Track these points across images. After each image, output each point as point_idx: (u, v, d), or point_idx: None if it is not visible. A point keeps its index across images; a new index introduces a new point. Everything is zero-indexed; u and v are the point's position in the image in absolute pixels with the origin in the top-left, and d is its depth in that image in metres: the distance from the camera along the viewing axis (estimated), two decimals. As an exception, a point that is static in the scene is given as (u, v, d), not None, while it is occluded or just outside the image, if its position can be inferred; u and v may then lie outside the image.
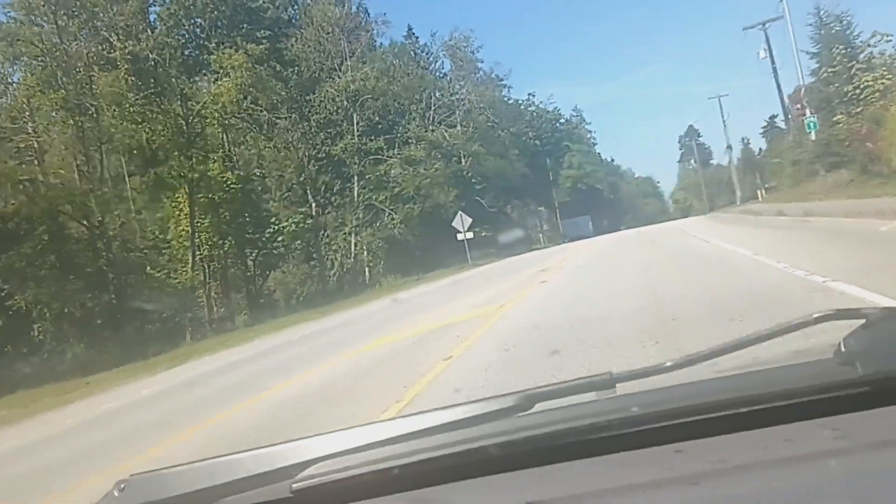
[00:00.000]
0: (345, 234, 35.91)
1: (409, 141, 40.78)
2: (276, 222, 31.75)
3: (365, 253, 37.06)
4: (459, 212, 32.65)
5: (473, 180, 54.15)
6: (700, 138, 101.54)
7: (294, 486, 1.12)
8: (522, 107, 77.05)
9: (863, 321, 1.19)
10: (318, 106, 39.69)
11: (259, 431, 5.72)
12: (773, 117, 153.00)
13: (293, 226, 31.09)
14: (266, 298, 35.54)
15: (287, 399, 7.24)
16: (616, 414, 1.12)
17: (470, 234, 31.86)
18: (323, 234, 38.35)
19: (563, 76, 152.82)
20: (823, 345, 1.26)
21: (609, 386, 1.23)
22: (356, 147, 36.70)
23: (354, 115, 37.46)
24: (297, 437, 1.22)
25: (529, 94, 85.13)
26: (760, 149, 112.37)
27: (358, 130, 37.45)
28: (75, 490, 5.24)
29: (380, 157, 38.01)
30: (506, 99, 65.02)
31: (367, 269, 36.64)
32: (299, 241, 32.54)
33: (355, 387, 7.09)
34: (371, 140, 38.37)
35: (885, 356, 1.11)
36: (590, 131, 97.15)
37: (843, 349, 1.15)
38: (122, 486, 1.20)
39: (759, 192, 51.17)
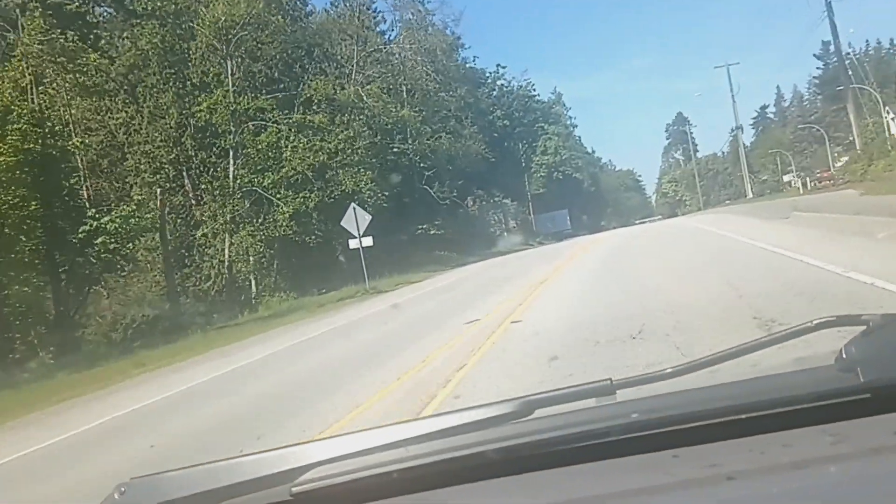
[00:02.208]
0: (219, 232, 23.63)
1: (312, 103, 28.25)
2: (96, 216, 19.44)
3: (251, 259, 24.76)
4: (352, 205, 20.55)
5: (422, 164, 41.85)
6: (691, 126, 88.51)
7: (294, 489, 1.13)
8: (489, 79, 64.08)
9: (863, 328, 1.21)
10: (196, 57, 27.19)
11: None
12: (763, 108, 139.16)
13: (118, 221, 18.92)
14: (93, 330, 22.67)
15: None
16: (615, 420, 1.14)
17: (368, 241, 19.90)
18: (198, 234, 26.07)
19: (542, 70, 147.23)
20: (824, 351, 1.28)
21: (609, 392, 1.24)
22: (230, 107, 24.28)
23: (228, 62, 25.12)
24: (297, 442, 1.24)
25: (499, 66, 72.35)
26: (746, 144, 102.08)
27: (234, 84, 25.05)
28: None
29: (263, 121, 25.58)
30: (464, 63, 52.19)
31: (252, 282, 24.41)
32: (131, 245, 20.34)
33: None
34: (253, 98, 25.93)
35: (886, 363, 1.13)
36: (569, 116, 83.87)
37: (843, 356, 1.16)
38: (123, 489, 1.21)
39: (794, 180, 41.32)
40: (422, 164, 45.16)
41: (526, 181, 73.55)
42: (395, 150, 41.49)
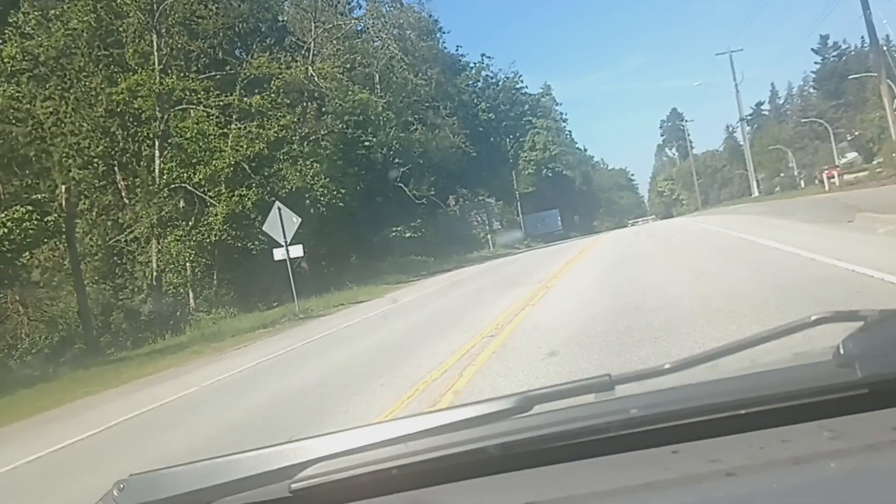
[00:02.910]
0: (149, 237, 19.50)
1: (260, 85, 24.05)
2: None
3: (187, 268, 20.78)
4: (276, 204, 16.28)
5: (396, 159, 37.75)
6: (687, 121, 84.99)
7: (293, 486, 1.18)
8: (473, 70, 59.84)
9: (861, 323, 1.24)
10: (129, 35, 23.09)
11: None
12: (758, 104, 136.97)
13: (9, 225, 14.59)
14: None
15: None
16: (614, 416, 1.18)
17: (297, 251, 15.60)
18: (125, 238, 22.15)
19: (534, 70, 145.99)
20: (822, 347, 1.33)
21: (608, 388, 1.28)
22: (155, 88, 20.09)
23: (154, 36, 20.87)
24: (297, 438, 1.28)
25: (483, 56, 68.25)
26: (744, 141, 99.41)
27: (161, 63, 20.87)
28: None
29: (192, 105, 21.36)
30: (442, 47, 47.97)
31: (190, 296, 20.42)
32: (28, 254, 16.13)
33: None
34: (181, 78, 21.71)
35: (884, 358, 1.16)
36: (560, 111, 79.53)
37: (841, 351, 1.19)
38: (122, 485, 1.25)
39: (820, 175, 37.90)
40: (396, 160, 40.91)
41: (514, 179, 69.32)
42: (366, 143, 37.23)
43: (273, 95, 26.05)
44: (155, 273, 24.09)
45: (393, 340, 11.77)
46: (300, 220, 19.07)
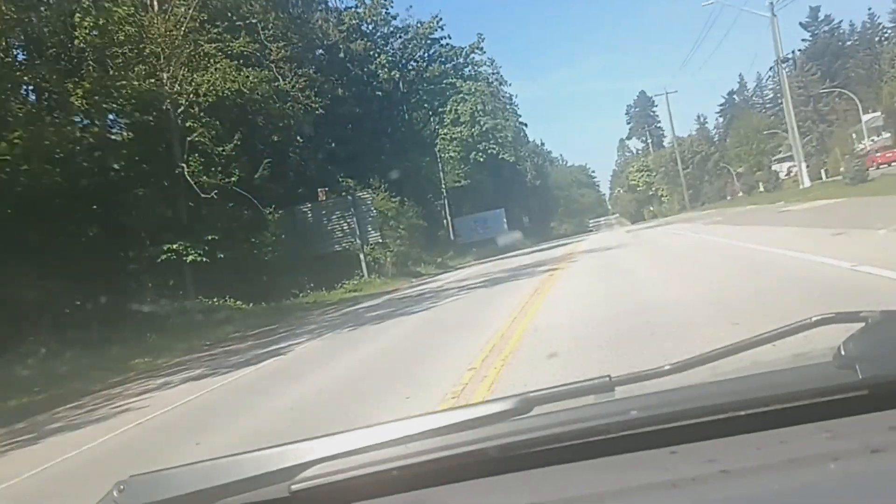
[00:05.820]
0: None
1: None
2: None
3: None
4: None
5: (195, 120, 19.08)
6: (666, 93, 68.97)
7: (293, 487, 1.23)
8: (368, 5, 41.18)
9: (862, 324, 1.30)
10: None
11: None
12: (730, 93, 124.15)
13: None
14: None
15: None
16: (614, 417, 1.23)
17: None
18: None
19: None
20: (823, 348, 1.38)
21: (608, 389, 1.35)
22: None
23: None
24: (297, 439, 1.33)
25: None
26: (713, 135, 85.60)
27: None
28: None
29: None
30: None
31: None
32: None
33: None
34: None
35: (885, 360, 1.22)
36: (493, 67, 60.37)
37: (842, 352, 1.24)
38: (122, 486, 1.30)
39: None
40: (195, 120, 22.38)
41: (440, 167, 50.97)
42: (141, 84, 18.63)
43: None
44: None
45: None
46: None
